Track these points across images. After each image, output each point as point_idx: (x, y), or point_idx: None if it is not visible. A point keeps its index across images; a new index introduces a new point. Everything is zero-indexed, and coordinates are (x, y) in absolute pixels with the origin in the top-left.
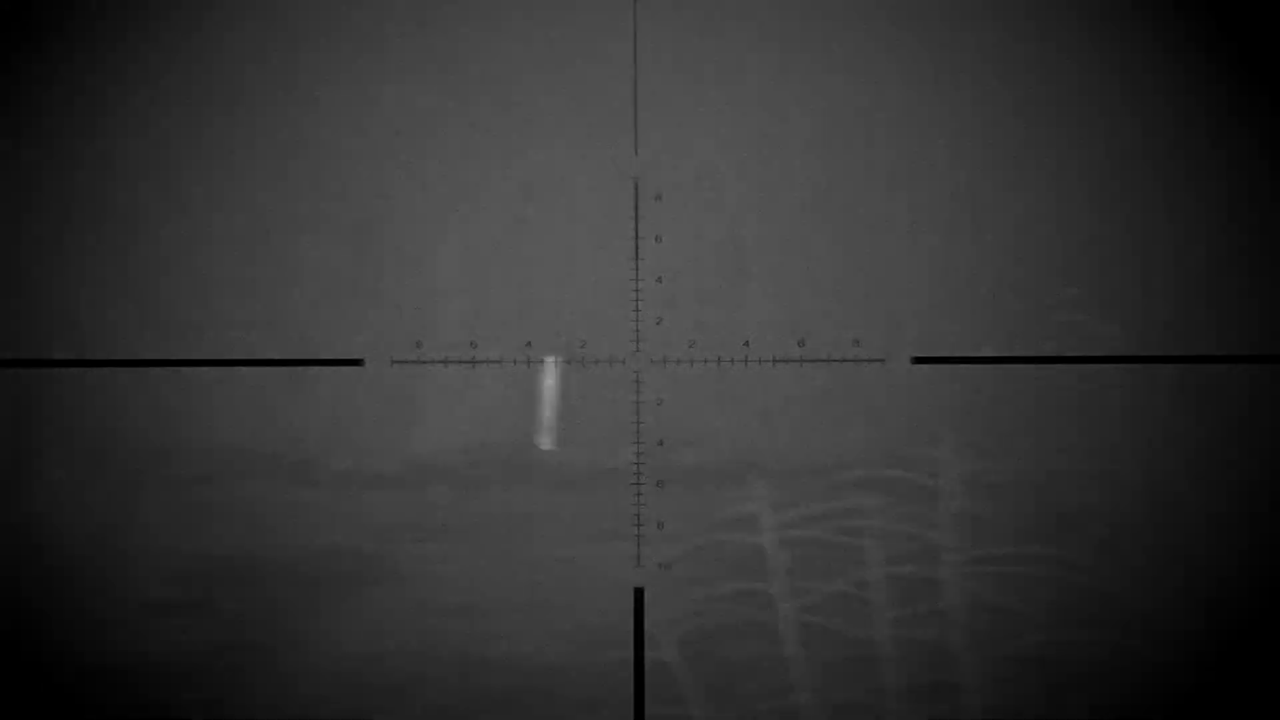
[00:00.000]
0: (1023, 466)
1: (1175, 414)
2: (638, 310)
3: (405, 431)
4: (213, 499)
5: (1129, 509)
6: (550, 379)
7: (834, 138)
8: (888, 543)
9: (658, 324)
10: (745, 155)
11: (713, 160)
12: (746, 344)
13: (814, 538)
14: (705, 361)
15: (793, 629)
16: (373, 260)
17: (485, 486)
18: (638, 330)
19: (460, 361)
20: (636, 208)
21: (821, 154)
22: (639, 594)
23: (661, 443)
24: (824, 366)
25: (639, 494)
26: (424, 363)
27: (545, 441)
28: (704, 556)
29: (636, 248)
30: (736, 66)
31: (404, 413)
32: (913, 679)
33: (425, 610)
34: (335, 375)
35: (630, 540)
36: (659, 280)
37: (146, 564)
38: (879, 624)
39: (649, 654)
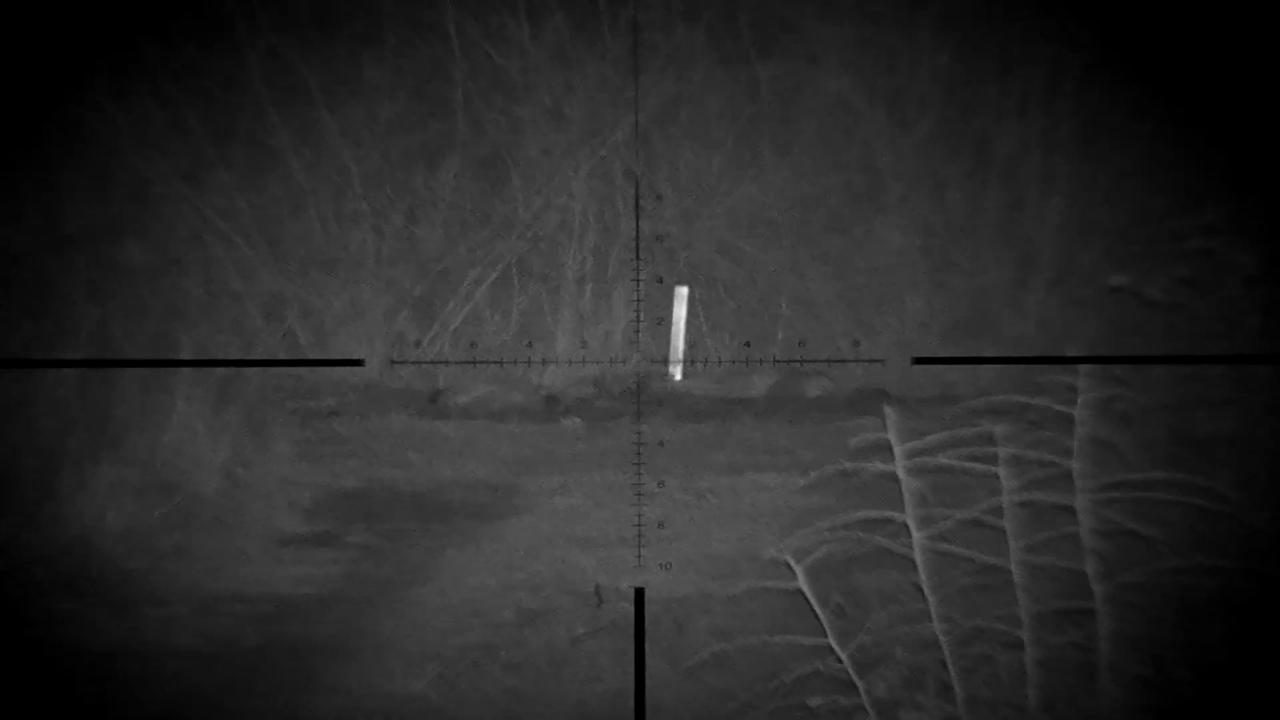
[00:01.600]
0: (1156, 393)
1: None
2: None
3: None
4: (343, 432)
5: (1263, 435)
6: (682, 309)
7: None
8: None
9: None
10: None
11: None
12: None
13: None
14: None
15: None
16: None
17: (616, 418)
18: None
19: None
20: None
21: None
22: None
23: (793, 373)
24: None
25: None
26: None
27: (677, 373)
28: (836, 485)
29: None
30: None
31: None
32: (1047, 605)
33: (556, 542)
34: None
35: (765, 471)
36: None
37: (276, 497)
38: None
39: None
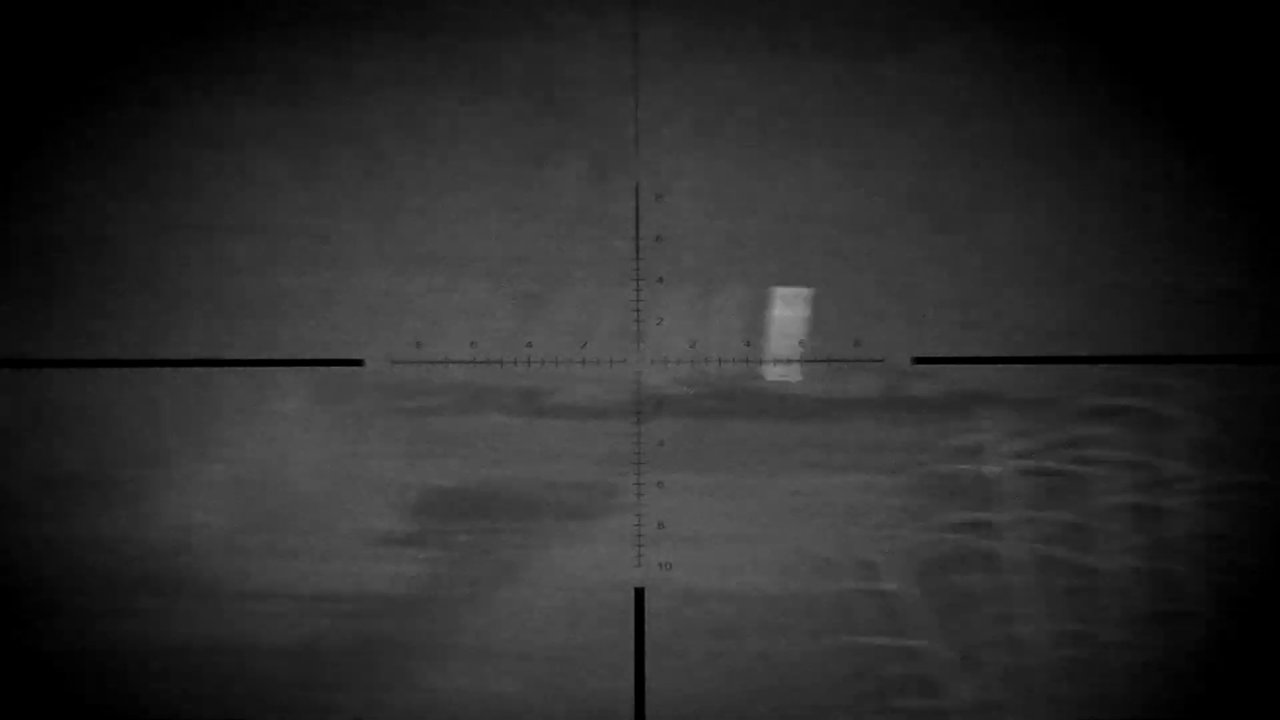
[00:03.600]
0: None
1: None
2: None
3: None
4: (443, 431)
5: None
6: (780, 308)
7: None
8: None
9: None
10: None
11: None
12: None
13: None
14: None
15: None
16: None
17: (712, 417)
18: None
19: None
20: None
21: None
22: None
23: (904, 373)
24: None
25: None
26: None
27: (774, 373)
28: (931, 486)
29: None
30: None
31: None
32: (1144, 609)
33: (651, 542)
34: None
35: (869, 471)
36: None
37: (374, 496)
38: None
39: (872, 585)
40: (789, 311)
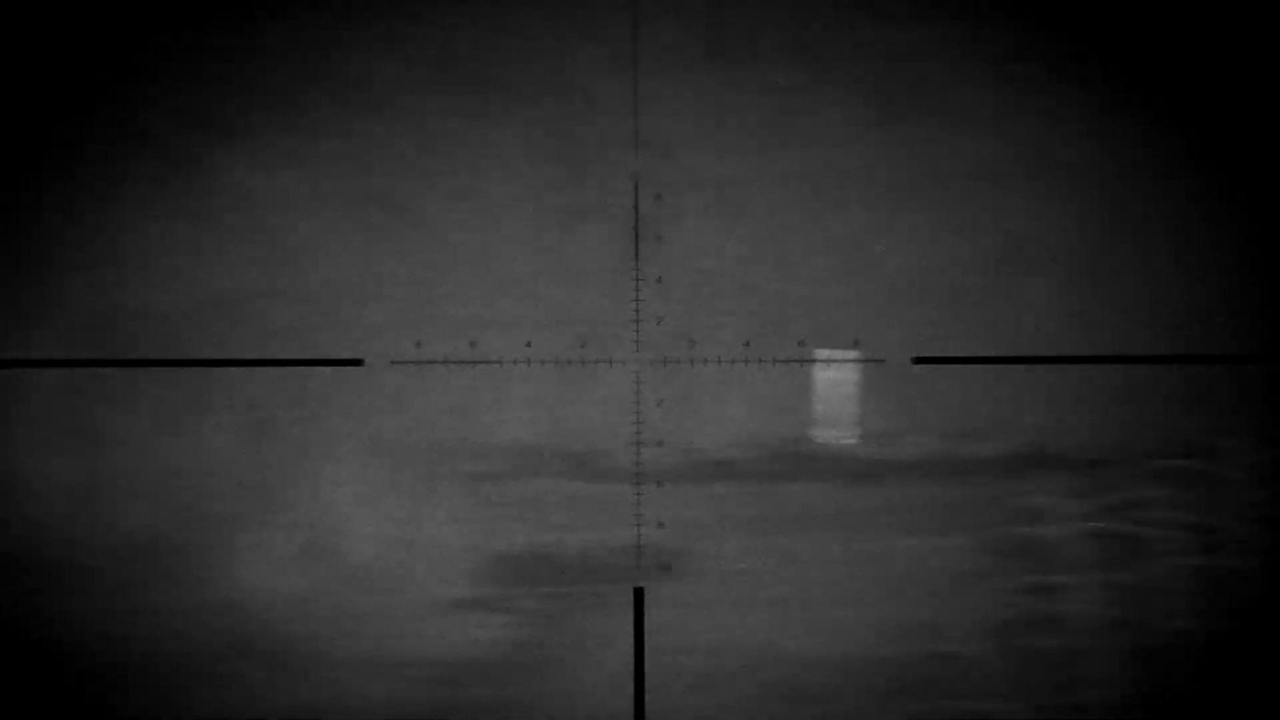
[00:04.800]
0: None
1: None
2: None
3: (684, 425)
4: (503, 496)
5: None
6: (826, 374)
7: None
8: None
9: None
10: None
11: None
12: None
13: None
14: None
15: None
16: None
17: (769, 481)
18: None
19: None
20: None
21: None
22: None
23: (943, 435)
24: None
25: (932, 487)
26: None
27: (822, 435)
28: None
29: None
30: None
31: (678, 407)
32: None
33: (724, 606)
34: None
35: (928, 534)
36: None
37: (441, 562)
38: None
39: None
40: None
